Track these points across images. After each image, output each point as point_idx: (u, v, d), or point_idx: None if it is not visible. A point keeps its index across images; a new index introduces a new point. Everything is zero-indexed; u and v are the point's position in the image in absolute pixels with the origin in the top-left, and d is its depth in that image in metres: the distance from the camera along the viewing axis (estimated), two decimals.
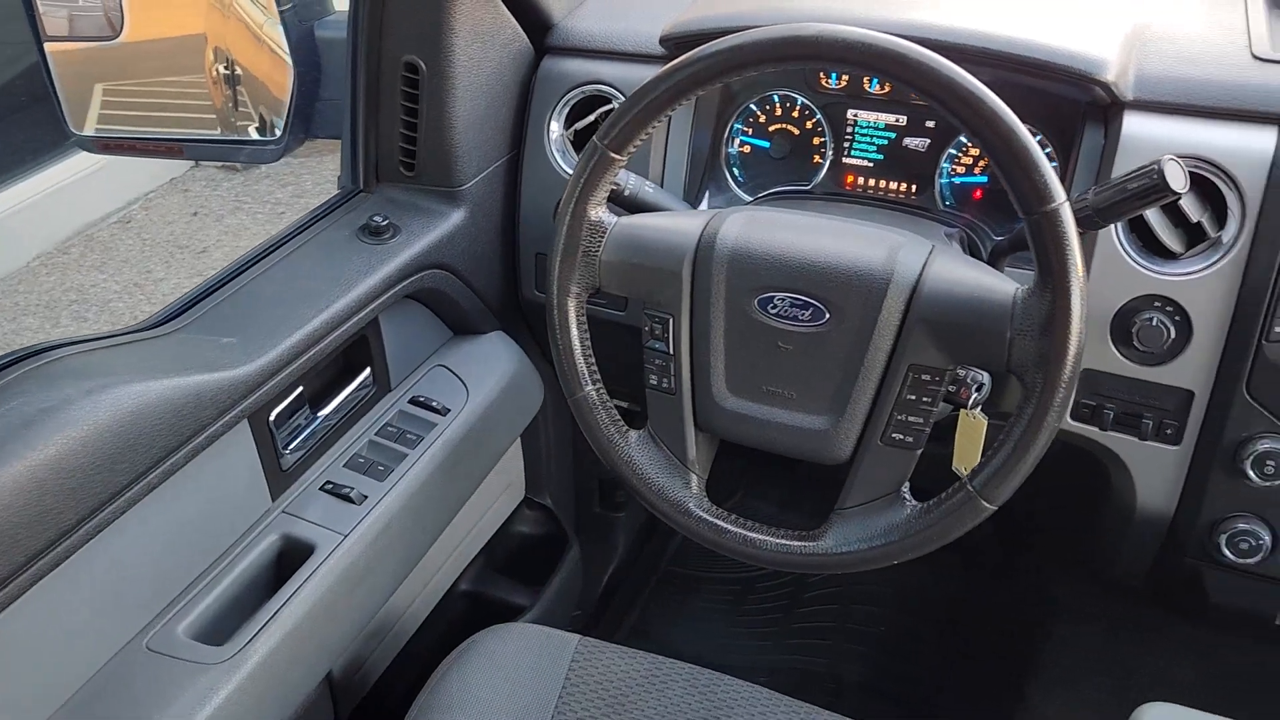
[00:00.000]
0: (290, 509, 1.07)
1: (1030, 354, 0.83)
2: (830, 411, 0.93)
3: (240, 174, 4.00)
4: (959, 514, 0.88)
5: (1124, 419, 1.07)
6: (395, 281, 1.13)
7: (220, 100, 1.30)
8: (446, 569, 1.40)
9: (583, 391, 0.99)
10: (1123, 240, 1.03)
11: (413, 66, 1.14)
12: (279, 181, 3.91)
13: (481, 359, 1.29)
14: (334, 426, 1.13)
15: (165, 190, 3.88)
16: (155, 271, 3.43)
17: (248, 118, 1.29)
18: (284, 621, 0.98)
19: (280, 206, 3.76)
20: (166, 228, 3.67)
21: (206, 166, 4.03)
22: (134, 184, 3.81)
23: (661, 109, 0.91)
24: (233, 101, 1.30)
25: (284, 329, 1.01)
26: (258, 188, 3.91)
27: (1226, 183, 1.00)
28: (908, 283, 0.89)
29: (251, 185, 3.94)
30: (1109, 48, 1.04)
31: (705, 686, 1.06)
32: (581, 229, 0.96)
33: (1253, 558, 1.05)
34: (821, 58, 0.85)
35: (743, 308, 0.93)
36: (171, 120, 1.32)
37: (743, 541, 0.96)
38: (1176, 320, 1.02)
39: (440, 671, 1.06)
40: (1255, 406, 1.01)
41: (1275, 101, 1.00)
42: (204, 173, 4.00)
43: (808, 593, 1.74)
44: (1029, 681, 1.51)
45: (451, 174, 1.20)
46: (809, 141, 1.24)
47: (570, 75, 1.24)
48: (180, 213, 3.75)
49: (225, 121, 1.30)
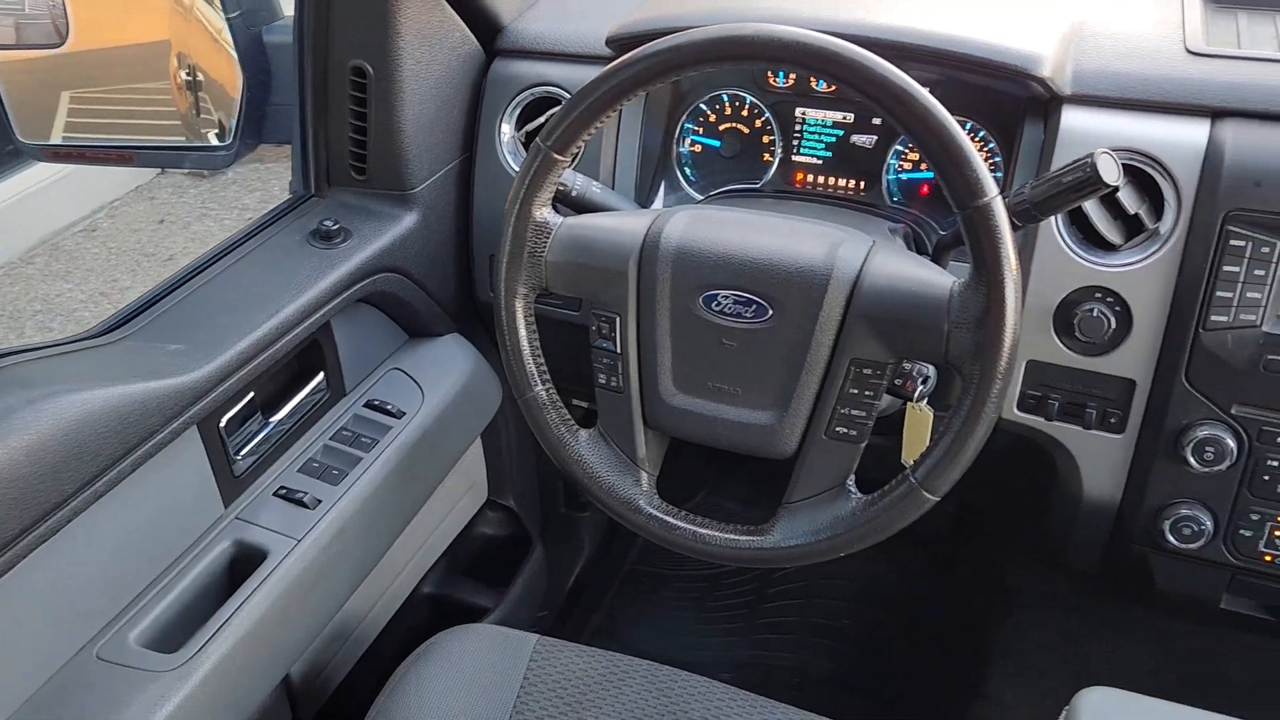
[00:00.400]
0: (243, 515, 1.07)
1: (967, 346, 0.85)
2: (775, 407, 0.94)
3: (207, 180, 3.98)
4: (902, 505, 0.89)
5: (1069, 409, 1.09)
6: (346, 286, 1.13)
7: (185, 106, 1.30)
8: (409, 572, 1.40)
9: (532, 392, 1.00)
10: (1063, 233, 1.05)
11: (360, 70, 1.14)
12: (246, 187, 3.89)
13: (437, 361, 1.29)
14: (287, 432, 1.13)
15: (131, 198, 3.86)
16: (121, 280, 3.40)
17: (210, 124, 1.29)
18: (237, 627, 0.98)
19: (248, 212, 3.74)
20: (132, 235, 3.64)
21: (173, 173, 4.00)
22: (99, 192, 3.78)
23: (603, 109, 0.92)
24: (196, 107, 1.30)
25: (233, 335, 1.01)
26: (225, 194, 3.88)
27: (1162, 175, 1.02)
28: (848, 278, 0.90)
29: (218, 191, 3.92)
30: (1045, 44, 1.06)
31: (663, 683, 1.07)
32: (527, 230, 0.96)
33: (1195, 543, 1.07)
34: (758, 57, 0.86)
35: (688, 306, 0.94)
36: (139, 127, 1.32)
37: (692, 537, 0.97)
38: (1117, 311, 1.04)
39: (398, 674, 1.06)
40: (1194, 394, 1.03)
41: (1208, 95, 1.02)
42: (170, 179, 3.97)
43: (772, 588, 1.75)
44: (988, 669, 1.52)
45: (402, 177, 1.20)
46: (759, 140, 1.25)
47: (520, 77, 1.24)
48: (146, 220, 3.73)
49: (190, 127, 1.29)
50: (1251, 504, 1.05)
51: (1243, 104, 1.01)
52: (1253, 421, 1.02)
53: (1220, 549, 1.07)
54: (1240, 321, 1.00)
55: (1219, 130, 1.01)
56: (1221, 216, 0.98)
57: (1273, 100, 1.00)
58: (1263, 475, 1.03)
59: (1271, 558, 1.06)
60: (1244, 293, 0.99)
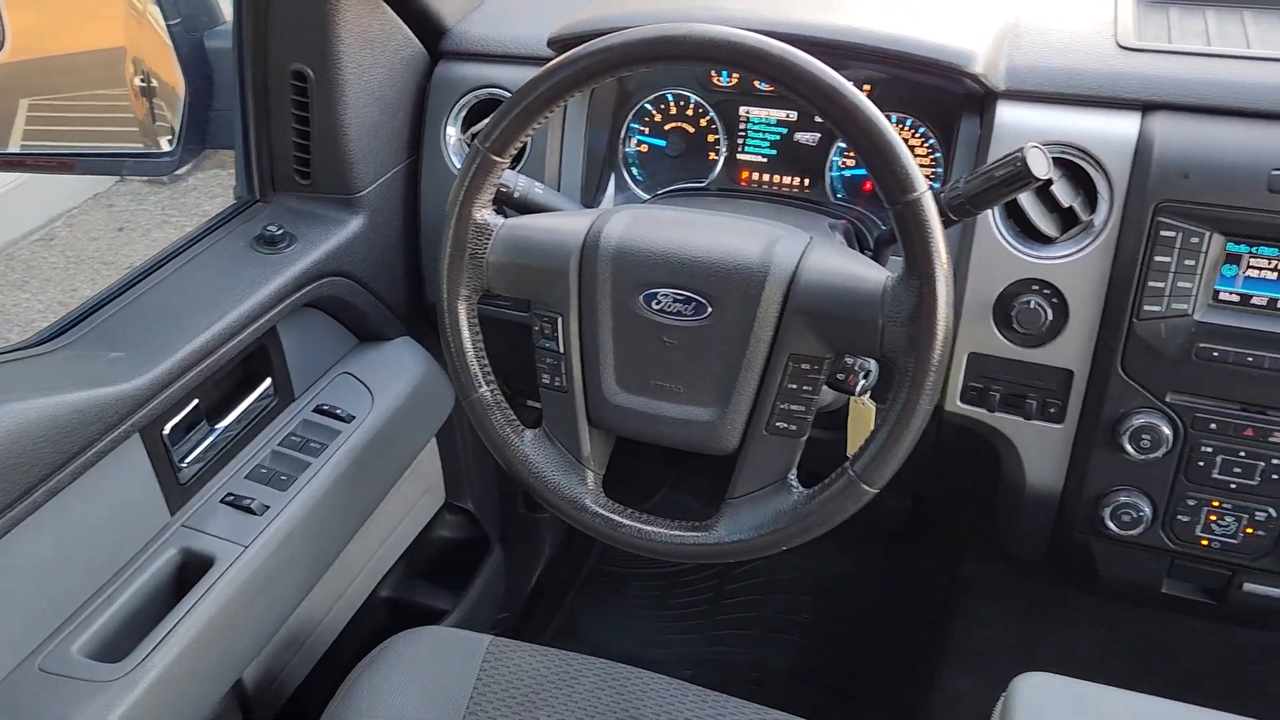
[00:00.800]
0: (189, 522, 1.07)
1: (901, 339, 0.86)
2: (716, 403, 0.94)
3: (167, 187, 3.94)
4: (842, 498, 0.90)
5: (1010, 400, 1.11)
6: (292, 290, 1.13)
7: (142, 112, 1.29)
8: (365, 575, 1.40)
9: (477, 393, 1.00)
10: (1000, 227, 1.07)
11: (301, 75, 1.14)
12: (207, 194, 3.86)
13: (387, 365, 1.29)
14: (234, 438, 1.13)
15: (89, 206, 3.81)
16: (81, 290, 3.36)
17: (165, 129, 1.28)
18: (183, 635, 0.97)
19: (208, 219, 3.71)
20: (91, 244, 3.60)
21: (132, 180, 3.96)
22: (56, 200, 3.73)
23: (540, 110, 0.92)
24: (151, 113, 1.29)
25: (175, 342, 1.01)
26: (185, 200, 3.85)
27: (1095, 168, 1.04)
28: (784, 275, 0.91)
29: (179, 198, 3.89)
30: (979, 41, 1.07)
31: (617, 681, 1.07)
32: (467, 232, 0.97)
33: (1135, 529, 1.09)
34: (691, 56, 0.87)
35: (628, 305, 0.95)
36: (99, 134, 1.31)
37: (637, 534, 0.97)
38: (1054, 302, 1.06)
39: (350, 679, 1.06)
40: (1130, 383, 1.05)
41: (1138, 89, 1.04)
42: (129, 187, 3.93)
43: (732, 584, 1.76)
44: (943, 660, 1.54)
45: (347, 181, 1.20)
46: (704, 139, 1.26)
47: (465, 79, 1.24)
48: (105, 228, 3.69)
49: (147, 132, 1.29)
50: (1188, 490, 1.07)
51: (1172, 97, 1.03)
52: (1186, 409, 1.04)
53: (1159, 535, 1.09)
54: (1172, 311, 1.02)
55: (1149, 123, 1.02)
56: (1152, 208, 1.00)
57: (1200, 93, 1.02)
58: (1197, 462, 1.05)
59: (1208, 542, 1.08)
60: (1175, 282, 1.01)
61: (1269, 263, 1.00)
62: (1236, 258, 1.01)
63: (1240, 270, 1.01)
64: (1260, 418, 1.02)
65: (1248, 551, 1.07)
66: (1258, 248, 1.00)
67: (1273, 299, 1.01)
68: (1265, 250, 0.99)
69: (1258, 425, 1.02)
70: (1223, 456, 1.04)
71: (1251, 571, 1.10)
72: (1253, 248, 1.00)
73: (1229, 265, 1.01)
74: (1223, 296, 1.02)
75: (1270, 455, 1.03)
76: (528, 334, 0.99)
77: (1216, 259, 1.01)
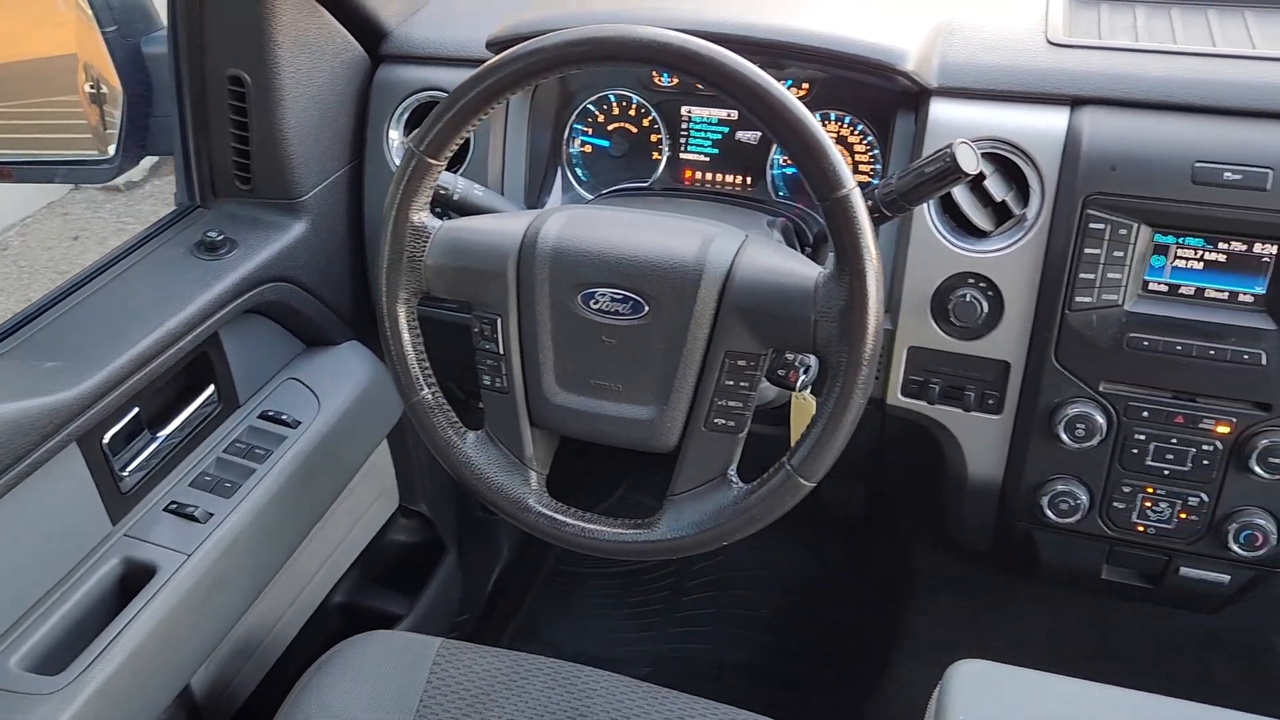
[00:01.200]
0: (132, 531, 1.06)
1: (833, 334, 0.87)
2: (655, 401, 0.95)
3: (123, 194, 3.90)
4: (780, 492, 0.91)
5: (949, 392, 1.12)
6: (233, 296, 1.12)
7: (94, 118, 1.28)
8: (318, 581, 1.39)
9: (418, 396, 1.00)
10: (936, 222, 1.08)
11: (238, 80, 1.13)
12: (163, 200, 3.82)
13: (334, 370, 1.29)
14: (178, 446, 1.12)
15: (43, 214, 3.77)
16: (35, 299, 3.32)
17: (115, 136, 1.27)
18: (124, 645, 0.97)
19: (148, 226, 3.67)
20: (46, 253, 3.56)
21: (87, 188, 3.92)
22: (9, 208, 3.68)
23: (474, 113, 0.92)
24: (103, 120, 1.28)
25: (112, 350, 1.00)
26: (141, 208, 3.81)
27: (1026, 162, 1.05)
28: (720, 273, 0.91)
29: (134, 205, 3.85)
30: (912, 40, 1.09)
31: (567, 680, 1.08)
32: (405, 235, 0.97)
33: (1073, 517, 1.11)
34: (621, 58, 0.87)
35: (566, 304, 0.95)
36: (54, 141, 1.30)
37: (581, 533, 0.98)
38: (989, 295, 1.08)
39: (299, 685, 1.06)
40: (1064, 373, 1.06)
41: (1067, 84, 1.06)
42: (84, 195, 3.88)
43: (689, 581, 1.77)
44: (897, 650, 1.56)
45: (288, 186, 1.19)
46: (647, 139, 1.27)
47: (406, 82, 1.24)
48: (60, 237, 3.65)
49: (100, 139, 1.27)
50: (1123, 477, 1.09)
51: (1099, 92, 1.05)
52: (1119, 398, 1.06)
53: (1097, 522, 1.11)
54: (1103, 302, 1.03)
55: (1077, 117, 1.04)
56: (1081, 201, 1.02)
57: (1127, 88, 1.04)
58: (1131, 449, 1.07)
59: (1144, 528, 1.10)
60: (1105, 274, 1.03)
61: (1195, 253, 1.02)
62: (1164, 249, 1.03)
63: (1168, 261, 1.03)
64: (1190, 405, 1.04)
65: (1182, 536, 1.09)
66: (1184, 238, 1.02)
67: (1200, 288, 1.03)
68: (1191, 241, 1.02)
69: (1188, 413, 1.04)
70: (1155, 444, 1.06)
71: (1187, 556, 1.12)
72: (1179, 238, 1.02)
73: (1157, 256, 1.03)
74: (1152, 287, 1.04)
75: (1201, 441, 1.05)
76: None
77: (1145, 250, 1.03)
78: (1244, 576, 1.12)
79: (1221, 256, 1.01)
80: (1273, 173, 0.97)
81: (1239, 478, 1.05)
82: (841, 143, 1.20)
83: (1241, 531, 1.06)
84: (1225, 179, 0.98)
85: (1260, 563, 1.09)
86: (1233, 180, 0.98)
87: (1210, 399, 1.04)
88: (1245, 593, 1.15)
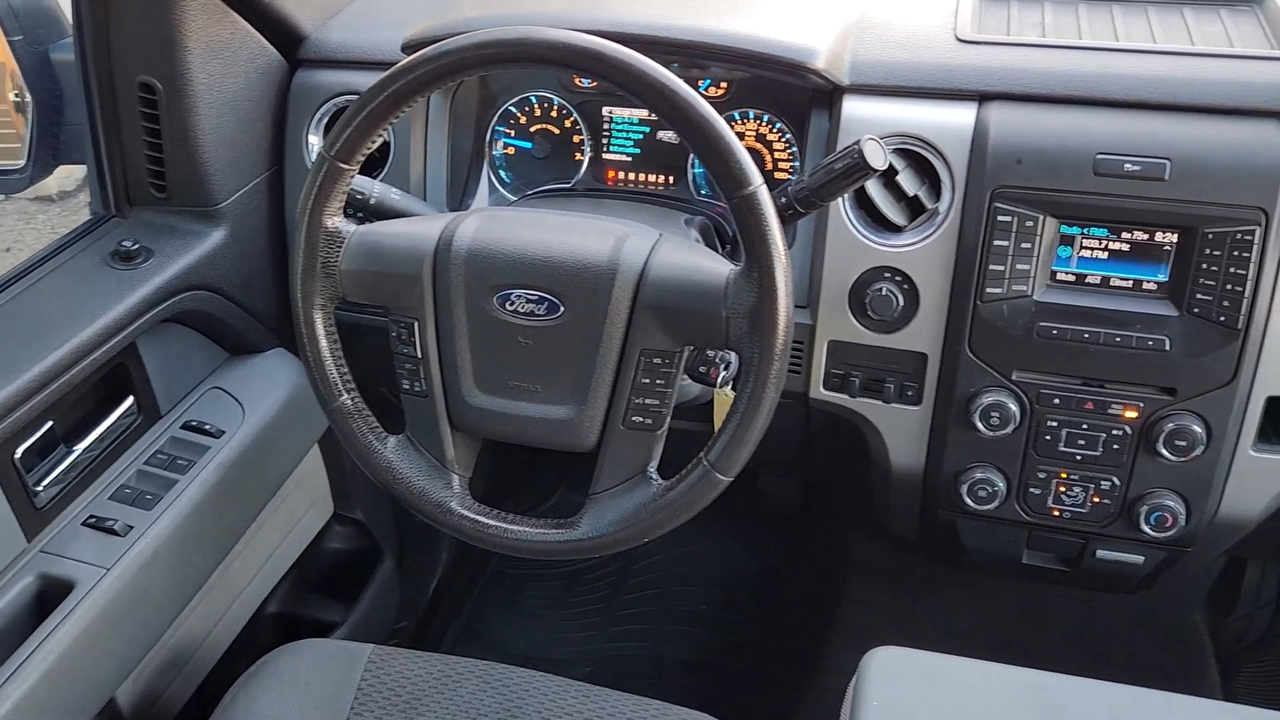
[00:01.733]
0: (48, 547, 1.04)
1: (744, 331, 0.88)
2: (573, 401, 0.95)
3: (57, 204, 3.82)
4: (698, 488, 0.92)
5: (869, 385, 1.14)
6: (150, 306, 1.11)
7: (21, 127, 1.25)
8: (251, 590, 1.38)
9: (337, 401, 1.00)
10: (851, 217, 1.10)
11: (149, 86, 1.12)
12: None
13: (259, 377, 1.27)
14: (96, 459, 1.11)
15: None
16: None
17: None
18: (39, 663, 0.95)
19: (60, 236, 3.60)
20: None
21: (18, 199, 3.83)
22: None
23: (385, 116, 0.92)
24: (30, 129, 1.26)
25: (23, 362, 0.98)
26: (75, 218, 3.72)
27: (936, 157, 1.07)
28: (633, 272, 0.92)
29: (69, 216, 3.76)
30: (822, 38, 1.10)
31: (499, 682, 1.08)
32: (319, 240, 0.96)
33: (991, 504, 1.13)
34: (527, 59, 0.88)
35: (483, 306, 0.95)
36: None
37: (503, 534, 0.98)
38: (905, 289, 1.09)
39: (229, 696, 1.05)
40: (978, 363, 1.09)
41: (974, 79, 1.08)
42: (15, 205, 3.79)
43: (631, 580, 1.78)
44: (831, 641, 1.58)
45: (205, 193, 1.18)
46: (569, 140, 1.27)
47: (324, 87, 1.23)
48: None
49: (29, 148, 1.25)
50: (1038, 464, 1.11)
51: (1005, 87, 1.07)
52: (1031, 386, 1.08)
53: (1014, 508, 1.14)
54: (1013, 292, 1.06)
55: (985, 112, 1.06)
56: (989, 194, 1.04)
57: (1032, 82, 1.07)
58: (1044, 436, 1.09)
59: (1059, 512, 1.13)
60: (1014, 265, 1.05)
61: (1099, 243, 1.05)
62: (1070, 239, 1.05)
63: (1074, 251, 1.05)
64: (1099, 391, 1.07)
65: (1096, 519, 1.12)
66: (1088, 229, 1.04)
67: (1105, 277, 1.05)
68: (1095, 231, 1.04)
69: (1097, 399, 1.07)
70: (1067, 430, 1.09)
71: (1102, 538, 1.15)
72: (1084, 229, 1.04)
73: (1063, 246, 1.05)
74: (1059, 277, 1.06)
75: (1110, 426, 1.07)
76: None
77: (1051, 241, 1.05)
78: (1157, 557, 1.15)
79: (1125, 246, 1.04)
80: (1170, 163, 1.00)
81: (1148, 461, 1.08)
82: (761, 141, 1.21)
83: (1152, 513, 1.09)
84: (1126, 170, 1.01)
85: (1171, 543, 1.12)
86: (1133, 171, 1.00)
87: (1118, 385, 1.06)
88: (1160, 573, 1.18)
